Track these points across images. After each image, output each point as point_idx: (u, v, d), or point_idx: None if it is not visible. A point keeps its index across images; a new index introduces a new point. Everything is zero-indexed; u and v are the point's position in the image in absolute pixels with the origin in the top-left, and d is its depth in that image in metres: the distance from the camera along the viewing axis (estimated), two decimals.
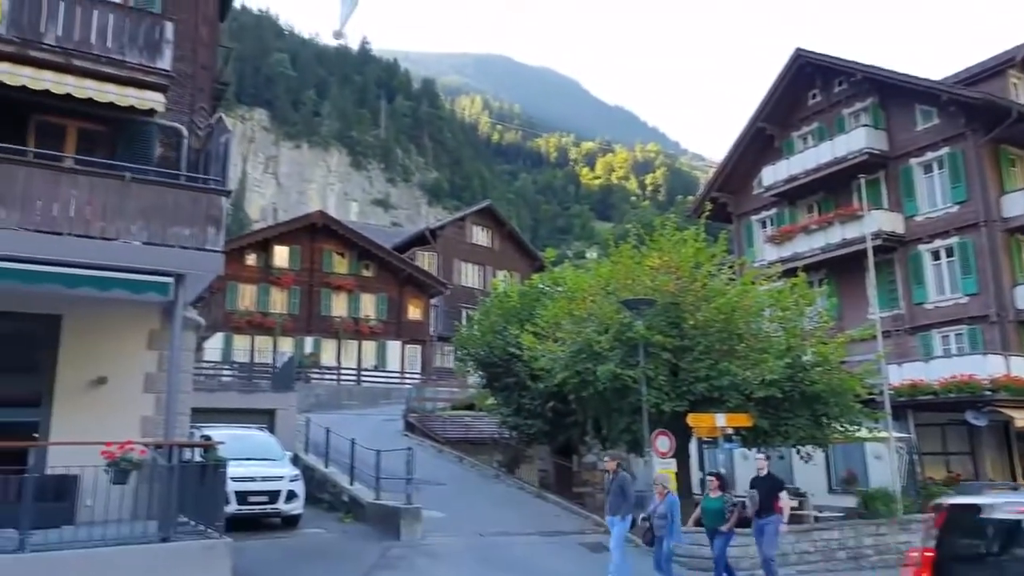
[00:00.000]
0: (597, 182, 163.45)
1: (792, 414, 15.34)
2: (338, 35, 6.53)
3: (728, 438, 14.62)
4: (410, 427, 26.02)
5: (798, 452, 16.79)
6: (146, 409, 10.82)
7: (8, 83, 9.94)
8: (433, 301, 44.39)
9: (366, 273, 40.93)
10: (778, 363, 14.60)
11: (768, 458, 12.46)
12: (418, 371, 40.62)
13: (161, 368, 10.91)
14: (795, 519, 14.91)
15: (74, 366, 10.58)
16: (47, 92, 10.30)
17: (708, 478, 12.22)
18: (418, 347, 42.38)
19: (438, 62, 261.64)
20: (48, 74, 10.37)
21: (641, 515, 11.51)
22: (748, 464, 19.80)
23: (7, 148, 9.66)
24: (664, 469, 13.19)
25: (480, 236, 50.84)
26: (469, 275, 49.22)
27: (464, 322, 39.82)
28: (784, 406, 15.21)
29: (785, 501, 11.69)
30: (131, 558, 8.18)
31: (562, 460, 22.43)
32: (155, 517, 8.88)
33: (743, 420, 14.58)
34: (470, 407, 27.56)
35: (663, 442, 13.98)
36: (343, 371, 37.03)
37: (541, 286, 21.76)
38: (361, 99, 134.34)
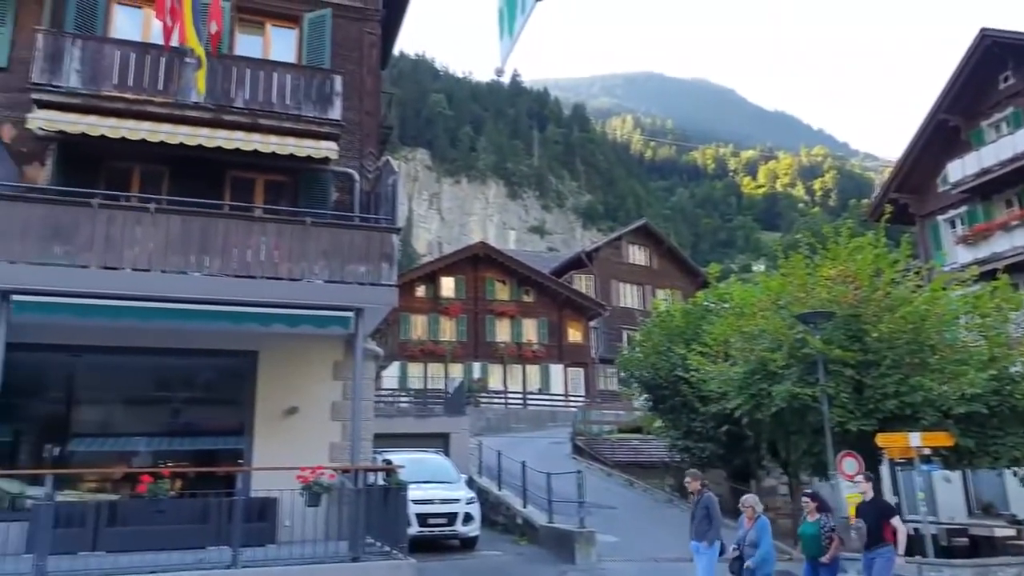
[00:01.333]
0: (760, 191, 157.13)
1: (1002, 431, 13.82)
2: (499, 72, 6.58)
3: (926, 459, 13.33)
4: (578, 450, 26.01)
5: (1015, 474, 15.08)
6: (333, 436, 11.57)
7: (207, 145, 11.16)
8: (592, 323, 44.34)
9: (526, 299, 41.69)
10: (980, 375, 13.22)
11: (871, 479, 10.27)
12: (582, 394, 40.62)
13: (345, 397, 11.64)
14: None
15: (270, 397, 11.55)
16: (238, 150, 11.45)
17: (803, 499, 10.69)
18: (580, 370, 42.41)
19: (588, 86, 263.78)
20: (239, 134, 11.53)
21: (732, 546, 9.99)
22: (950, 488, 18.07)
23: (209, 204, 10.84)
24: (853, 494, 12.23)
25: (637, 255, 50.28)
26: (628, 296, 48.74)
27: (625, 343, 39.52)
28: (992, 423, 13.74)
29: (899, 528, 9.43)
30: None
31: (739, 485, 21.46)
32: (345, 538, 9.44)
33: (942, 439, 13.25)
34: (637, 430, 27.11)
35: (850, 464, 12.98)
36: (510, 395, 37.76)
37: (706, 303, 21.12)
38: (514, 131, 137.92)
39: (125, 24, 12.56)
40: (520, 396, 37.93)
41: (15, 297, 9.02)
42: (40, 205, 9.70)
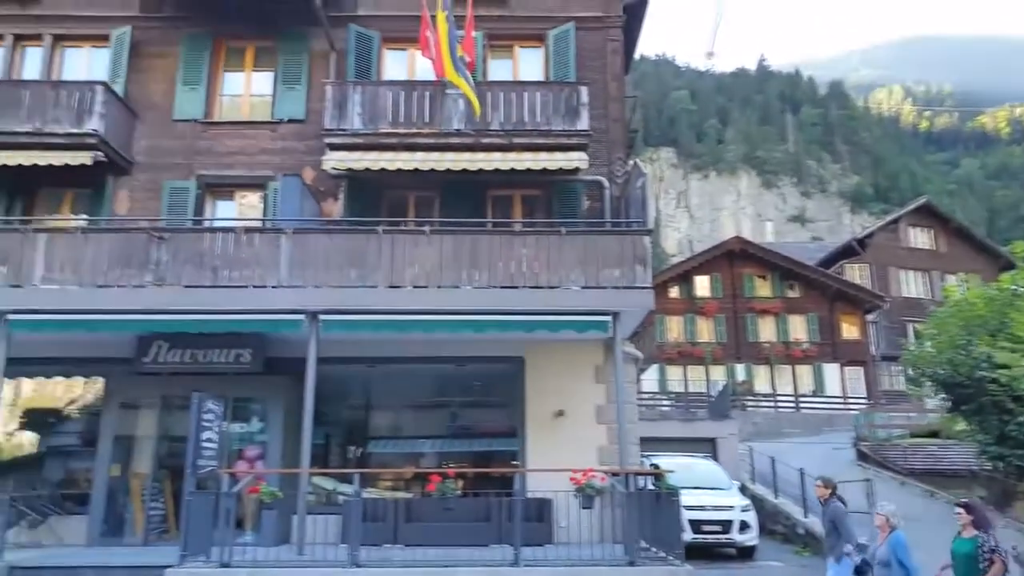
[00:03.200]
0: None
1: None
2: (710, 55, 6.31)
3: None
4: (862, 456, 23.83)
5: None
6: (600, 439, 11.79)
7: (470, 168, 12.03)
8: (870, 317, 40.41)
9: (791, 294, 39.19)
10: None
11: None
12: (862, 395, 37.20)
13: (609, 400, 11.81)
14: None
15: (538, 401, 12.08)
16: (496, 170, 12.21)
17: (955, 510, 8.02)
18: (859, 369, 38.84)
19: (844, 61, 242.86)
20: (496, 155, 12.31)
21: (853, 557, 8.24)
22: None
23: (475, 222, 11.67)
24: None
25: (919, 238, 45.03)
26: (910, 284, 43.79)
27: (911, 338, 35.57)
28: None
29: None
30: None
31: None
32: (619, 541, 9.54)
33: None
34: (934, 434, 24.18)
35: None
36: (779, 398, 35.70)
37: (1014, 287, 18.27)
38: (764, 118, 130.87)
39: (394, 66, 14.01)
40: (791, 399, 35.72)
41: (323, 317, 10.37)
42: (338, 235, 11.11)
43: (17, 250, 10.83)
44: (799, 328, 38.62)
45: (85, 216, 13.17)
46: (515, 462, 11.82)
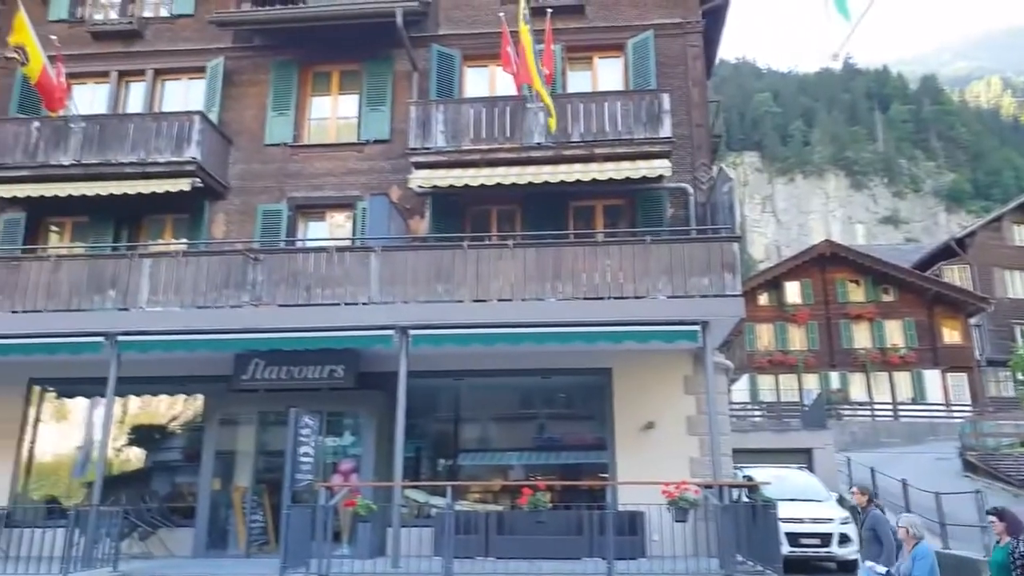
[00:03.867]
0: None
1: None
2: (835, 57, 6.28)
3: None
4: (970, 467, 22.55)
5: None
6: (692, 450, 11.55)
7: (551, 181, 12.07)
8: (973, 320, 38.27)
9: (886, 298, 37.58)
10: None
11: None
12: (967, 402, 35.20)
13: (699, 411, 11.57)
14: None
15: (626, 413, 11.94)
16: (578, 181, 12.19)
17: (989, 518, 7.04)
18: (962, 375, 36.77)
19: (936, 55, 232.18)
20: (577, 166, 12.31)
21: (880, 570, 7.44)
22: None
23: (557, 234, 11.69)
24: None
25: None
26: (1016, 285, 41.22)
27: (1020, 341, 33.54)
28: None
29: None
30: None
31: None
32: (714, 555, 9.30)
33: None
34: None
35: None
36: (876, 406, 34.18)
37: None
38: (852, 117, 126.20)
39: (475, 83, 14.22)
40: (889, 407, 34.13)
41: (412, 332, 10.56)
42: (424, 252, 11.34)
43: (124, 275, 11.50)
44: (896, 333, 36.99)
45: (185, 240, 13.84)
46: (604, 475, 11.69)
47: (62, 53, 13.32)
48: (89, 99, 14.77)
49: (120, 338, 10.98)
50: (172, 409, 13.28)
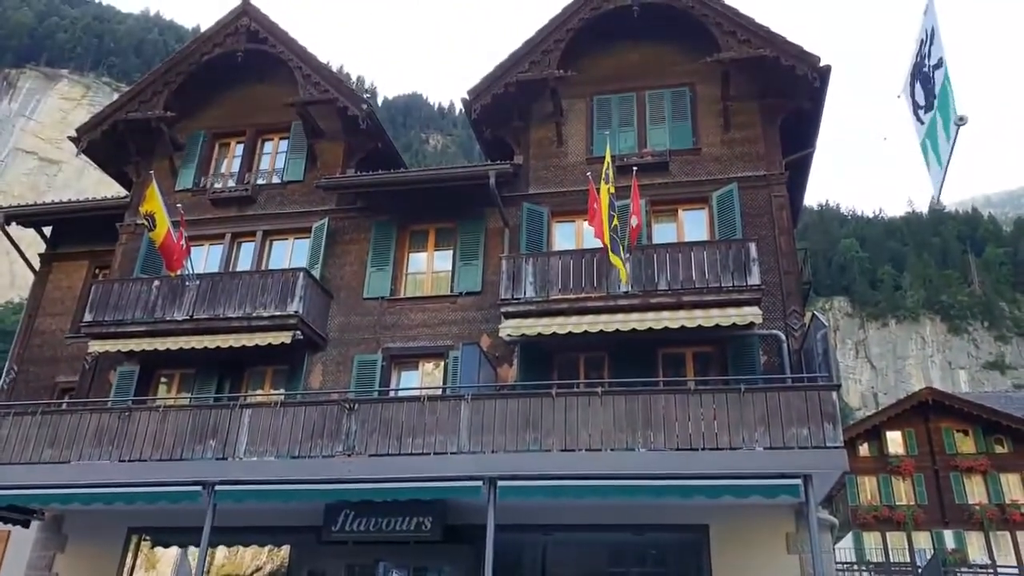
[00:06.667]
0: None
1: None
2: (936, 201, 6.35)
3: None
4: None
5: None
6: None
7: (639, 328, 12.12)
8: None
9: (1000, 449, 34.94)
10: None
11: None
12: None
13: (804, 572, 10.78)
14: None
15: (725, 573, 11.17)
16: (666, 328, 12.19)
17: None
18: None
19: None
20: (665, 314, 12.37)
21: None
22: None
23: (646, 381, 11.57)
24: None
25: None
26: None
27: None
28: None
29: None
30: None
31: None
32: None
33: None
34: None
35: None
36: (1001, 570, 30.81)
37: None
38: (943, 260, 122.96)
39: (563, 237, 14.75)
40: (1015, 571, 30.75)
41: (501, 483, 10.42)
42: (513, 399, 11.35)
43: (225, 424, 11.91)
44: (1016, 488, 34.08)
45: (283, 391, 14.32)
46: None
47: (185, 218, 14.60)
48: (204, 258, 15.95)
49: (217, 487, 11.21)
50: (255, 560, 13.24)
